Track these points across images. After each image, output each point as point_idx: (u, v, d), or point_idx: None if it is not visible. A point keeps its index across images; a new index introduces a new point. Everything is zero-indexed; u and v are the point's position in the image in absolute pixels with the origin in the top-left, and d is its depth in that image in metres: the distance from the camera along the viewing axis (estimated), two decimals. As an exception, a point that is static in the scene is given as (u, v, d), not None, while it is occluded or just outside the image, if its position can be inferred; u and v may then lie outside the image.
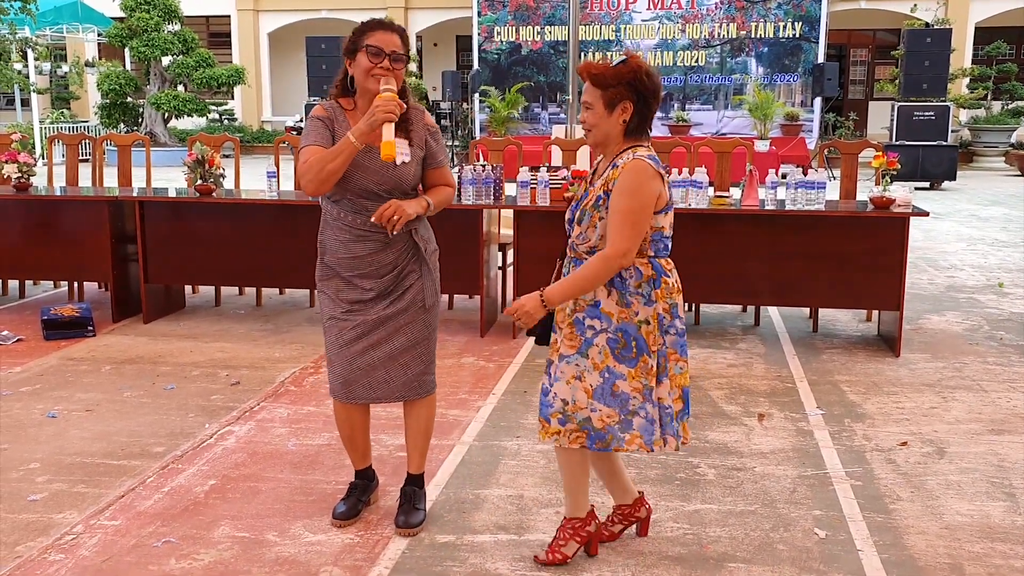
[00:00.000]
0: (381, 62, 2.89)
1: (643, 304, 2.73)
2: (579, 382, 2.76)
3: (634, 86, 2.68)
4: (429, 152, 3.09)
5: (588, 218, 2.74)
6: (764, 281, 5.39)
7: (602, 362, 2.74)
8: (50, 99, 22.17)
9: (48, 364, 5.08)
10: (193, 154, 5.88)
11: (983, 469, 3.71)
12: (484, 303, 5.68)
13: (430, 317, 3.14)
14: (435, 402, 3.25)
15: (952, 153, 13.90)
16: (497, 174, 5.58)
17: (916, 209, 5.17)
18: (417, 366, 3.12)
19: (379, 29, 2.94)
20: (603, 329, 2.74)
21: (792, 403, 4.49)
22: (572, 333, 2.78)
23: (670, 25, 17.25)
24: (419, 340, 3.11)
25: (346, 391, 3.12)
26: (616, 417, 2.75)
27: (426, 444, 3.26)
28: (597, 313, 2.75)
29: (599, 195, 2.72)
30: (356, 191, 2.98)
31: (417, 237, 3.07)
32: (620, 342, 2.73)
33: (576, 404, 2.76)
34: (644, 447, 2.77)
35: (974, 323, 6.07)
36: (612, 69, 2.68)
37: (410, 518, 3.17)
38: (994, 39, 18.58)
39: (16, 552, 3.01)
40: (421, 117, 3.08)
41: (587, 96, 2.72)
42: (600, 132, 2.73)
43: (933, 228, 9.94)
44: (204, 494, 3.45)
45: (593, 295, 2.74)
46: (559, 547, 2.93)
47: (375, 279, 3.04)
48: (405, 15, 21.49)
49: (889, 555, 3.01)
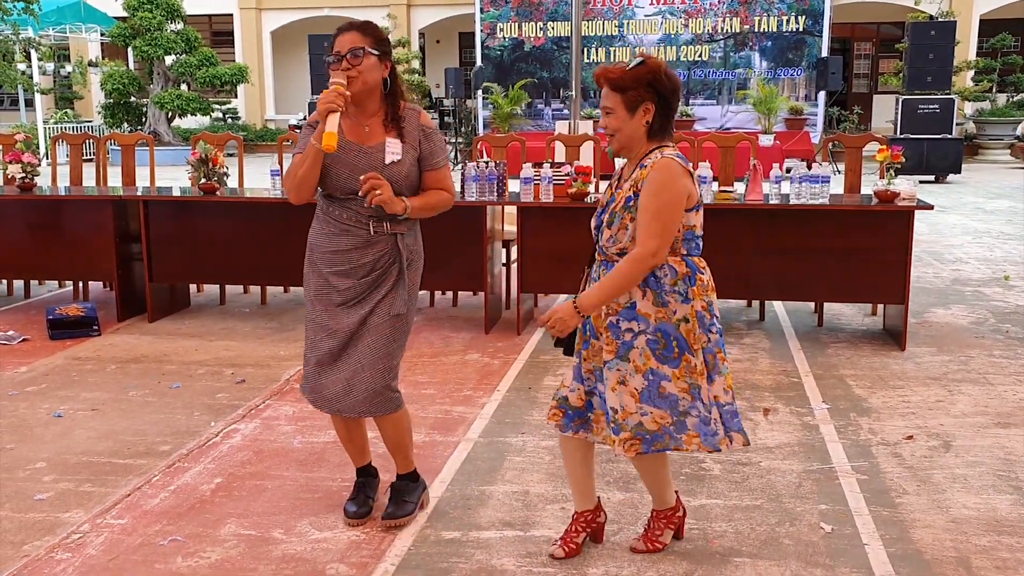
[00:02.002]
0: (340, 66, 2.88)
1: (680, 302, 2.70)
2: (624, 387, 2.72)
3: (654, 87, 2.68)
4: (423, 153, 3.03)
5: (619, 220, 2.72)
6: (769, 276, 5.38)
7: (644, 364, 2.71)
8: (54, 99, 22.18)
9: (53, 364, 5.09)
10: (197, 153, 5.89)
11: (989, 462, 3.70)
12: (488, 300, 5.68)
13: (397, 332, 3.05)
14: (403, 418, 3.17)
15: (957, 146, 13.85)
16: (500, 171, 5.58)
17: (921, 203, 5.16)
18: (378, 381, 3.03)
19: (338, 35, 2.94)
20: (641, 331, 2.70)
21: (798, 397, 4.48)
22: (610, 338, 2.74)
23: (673, 20, 17.20)
24: (383, 352, 3.02)
25: (313, 395, 3.12)
26: (668, 418, 2.72)
27: (403, 452, 3.23)
28: (634, 315, 2.71)
29: (628, 196, 2.71)
30: (343, 189, 2.97)
31: (401, 244, 3.01)
32: (660, 343, 2.70)
33: (625, 410, 2.72)
34: (704, 448, 2.75)
35: (980, 316, 6.06)
36: (630, 72, 2.67)
37: (397, 509, 3.17)
38: (999, 31, 18.52)
39: (23, 551, 3.02)
40: (416, 117, 3.04)
41: (607, 101, 2.70)
42: (624, 136, 2.72)
43: (938, 221, 9.91)
44: (210, 492, 3.45)
45: (628, 297, 2.71)
46: (656, 538, 2.99)
47: (352, 280, 3.00)
48: (407, 12, 21.48)
49: (896, 549, 3.01)
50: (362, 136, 2.99)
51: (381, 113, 3.01)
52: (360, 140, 2.99)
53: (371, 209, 2.94)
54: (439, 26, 22.47)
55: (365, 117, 3.01)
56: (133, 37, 18.40)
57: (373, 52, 2.91)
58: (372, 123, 3.01)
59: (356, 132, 3.00)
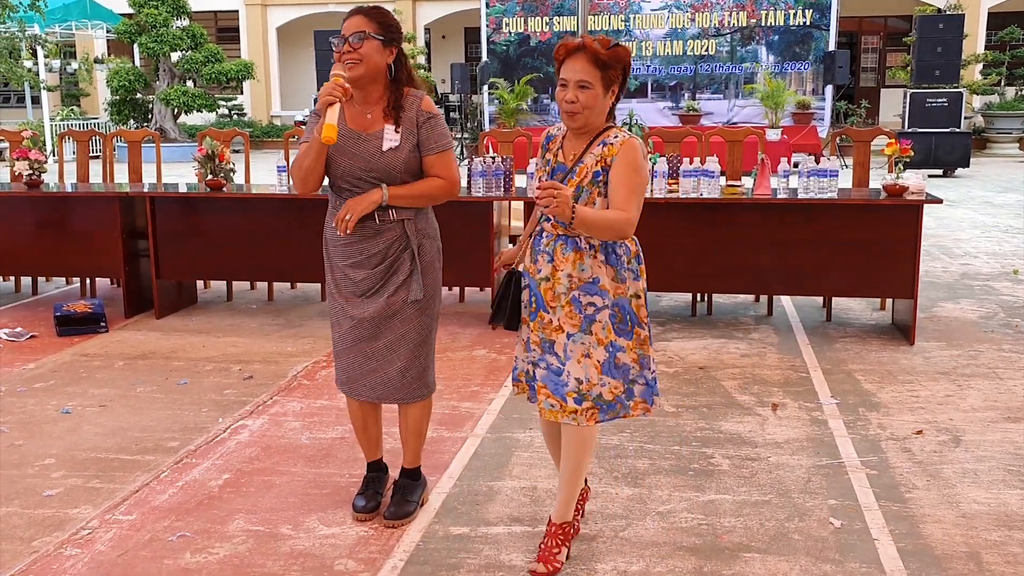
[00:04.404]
0: (343, 48, 2.88)
1: (633, 279, 2.82)
2: (588, 359, 2.78)
3: (623, 70, 2.73)
4: (423, 137, 2.98)
5: (587, 195, 2.74)
6: (777, 270, 5.36)
7: (606, 337, 2.78)
8: (60, 96, 22.23)
9: (61, 360, 5.10)
10: (203, 149, 5.89)
11: (999, 457, 3.68)
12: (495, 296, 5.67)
13: (425, 318, 3.07)
14: (431, 405, 3.21)
15: (965, 140, 13.78)
16: (507, 166, 5.57)
17: (929, 196, 5.13)
18: (412, 368, 3.07)
19: (346, 19, 2.93)
20: (604, 305, 2.77)
21: (806, 392, 4.47)
22: (571, 311, 2.78)
23: (679, 14, 17.15)
24: (413, 341, 3.05)
25: (347, 387, 3.14)
26: (621, 388, 2.82)
27: (419, 442, 3.24)
28: (596, 290, 2.77)
29: (596, 171, 2.73)
30: (346, 178, 2.97)
31: (410, 229, 3.00)
32: (618, 316, 2.80)
33: (590, 382, 2.78)
34: (648, 410, 2.88)
35: (989, 310, 6.03)
36: (613, 51, 2.69)
37: (399, 509, 3.17)
38: (1007, 24, 18.42)
39: (32, 547, 3.02)
40: (417, 102, 2.99)
41: (586, 75, 2.66)
42: (594, 113, 2.72)
43: (947, 216, 9.87)
44: (218, 488, 3.46)
45: (591, 272, 2.77)
46: (554, 555, 2.84)
47: (366, 270, 3.01)
48: (413, 8, 21.46)
49: (905, 544, 3.00)
50: (364, 123, 2.98)
51: (385, 101, 2.99)
52: (361, 128, 2.98)
53: None
54: (445, 21, 22.45)
55: (368, 104, 2.99)
56: (139, 34, 18.43)
57: (376, 37, 2.89)
58: (375, 111, 2.99)
59: (358, 120, 2.99)
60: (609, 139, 2.74)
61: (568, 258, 2.77)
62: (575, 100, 2.68)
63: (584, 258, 2.76)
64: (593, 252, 2.77)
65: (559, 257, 2.78)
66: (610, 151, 2.72)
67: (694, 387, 4.51)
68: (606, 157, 2.72)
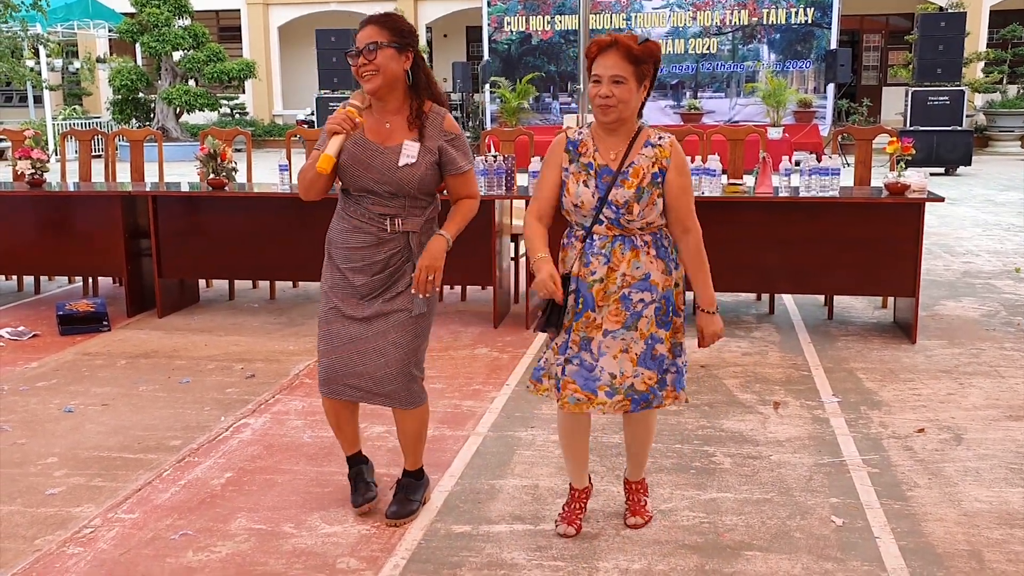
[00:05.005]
0: (357, 60, 2.88)
1: (675, 269, 2.87)
2: (625, 355, 2.83)
3: (655, 64, 2.76)
4: (447, 158, 3.00)
5: (647, 196, 2.76)
6: (778, 269, 5.36)
7: (648, 330, 2.83)
8: (62, 95, 22.25)
9: (64, 359, 5.11)
10: (205, 148, 5.89)
11: (1001, 455, 3.68)
12: (497, 294, 5.68)
13: (420, 326, 3.07)
14: (426, 411, 3.19)
15: (967, 138, 13.78)
16: (509, 165, 5.57)
17: (931, 195, 5.13)
18: (401, 374, 3.04)
19: (359, 31, 2.93)
20: (653, 300, 2.82)
21: (808, 391, 4.47)
22: (618, 309, 2.82)
23: (681, 13, 17.15)
24: (405, 347, 3.03)
25: (328, 387, 3.12)
26: (655, 378, 2.87)
27: (419, 448, 3.23)
28: (647, 286, 2.81)
29: (654, 172, 2.76)
30: (359, 188, 2.98)
31: (413, 242, 3.01)
32: (663, 308, 2.84)
33: (624, 375, 2.83)
34: (678, 397, 2.92)
35: (991, 309, 6.03)
36: (645, 45, 2.72)
37: (401, 508, 3.17)
38: (1009, 22, 18.41)
39: (35, 546, 3.03)
40: (440, 121, 2.99)
41: (620, 70, 2.69)
42: (628, 108, 2.74)
43: (948, 214, 9.87)
44: (220, 487, 3.46)
45: (644, 269, 2.81)
46: (643, 507, 3.13)
47: (367, 276, 3.00)
48: (414, 6, 21.47)
49: (907, 542, 3.00)
50: (382, 135, 2.97)
51: (405, 110, 2.98)
52: (379, 139, 2.96)
53: (384, 208, 2.96)
54: (446, 20, 22.46)
55: (388, 114, 2.98)
56: (141, 33, 18.44)
57: (390, 45, 2.88)
58: (394, 121, 2.97)
59: (377, 131, 2.97)
60: (653, 139, 2.80)
61: (626, 257, 2.80)
62: (610, 95, 2.70)
63: (640, 255, 2.80)
64: (647, 248, 2.81)
65: (617, 257, 2.80)
66: (662, 152, 2.78)
67: (696, 385, 4.51)
68: (660, 159, 2.78)
